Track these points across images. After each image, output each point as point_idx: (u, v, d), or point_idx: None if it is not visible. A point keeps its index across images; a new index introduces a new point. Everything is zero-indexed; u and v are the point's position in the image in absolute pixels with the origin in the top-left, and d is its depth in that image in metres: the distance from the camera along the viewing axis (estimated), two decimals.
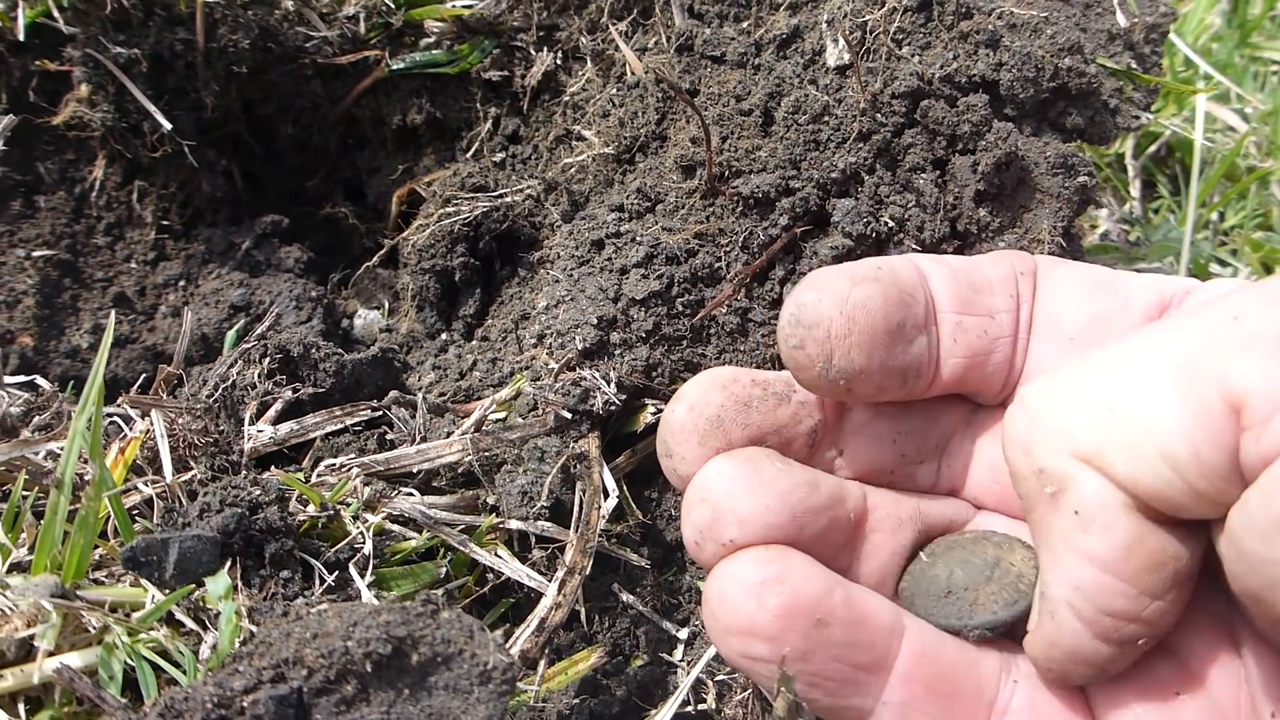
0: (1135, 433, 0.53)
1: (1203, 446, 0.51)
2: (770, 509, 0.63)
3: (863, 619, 0.62)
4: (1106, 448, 0.55)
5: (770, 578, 0.61)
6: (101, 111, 1.15)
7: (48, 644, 0.68)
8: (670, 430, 0.69)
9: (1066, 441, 0.57)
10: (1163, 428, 0.52)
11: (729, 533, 0.63)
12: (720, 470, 0.65)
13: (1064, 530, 0.57)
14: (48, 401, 0.91)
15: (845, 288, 0.66)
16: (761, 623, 0.61)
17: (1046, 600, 0.60)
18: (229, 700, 0.61)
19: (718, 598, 0.62)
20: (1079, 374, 0.58)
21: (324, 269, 1.28)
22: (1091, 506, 0.56)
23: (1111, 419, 0.54)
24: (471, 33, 1.23)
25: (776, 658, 0.60)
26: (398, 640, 0.62)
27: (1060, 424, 0.57)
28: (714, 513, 0.64)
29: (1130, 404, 0.54)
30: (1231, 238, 1.51)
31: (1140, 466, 0.53)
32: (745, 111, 1.00)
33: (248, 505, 0.78)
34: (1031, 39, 0.96)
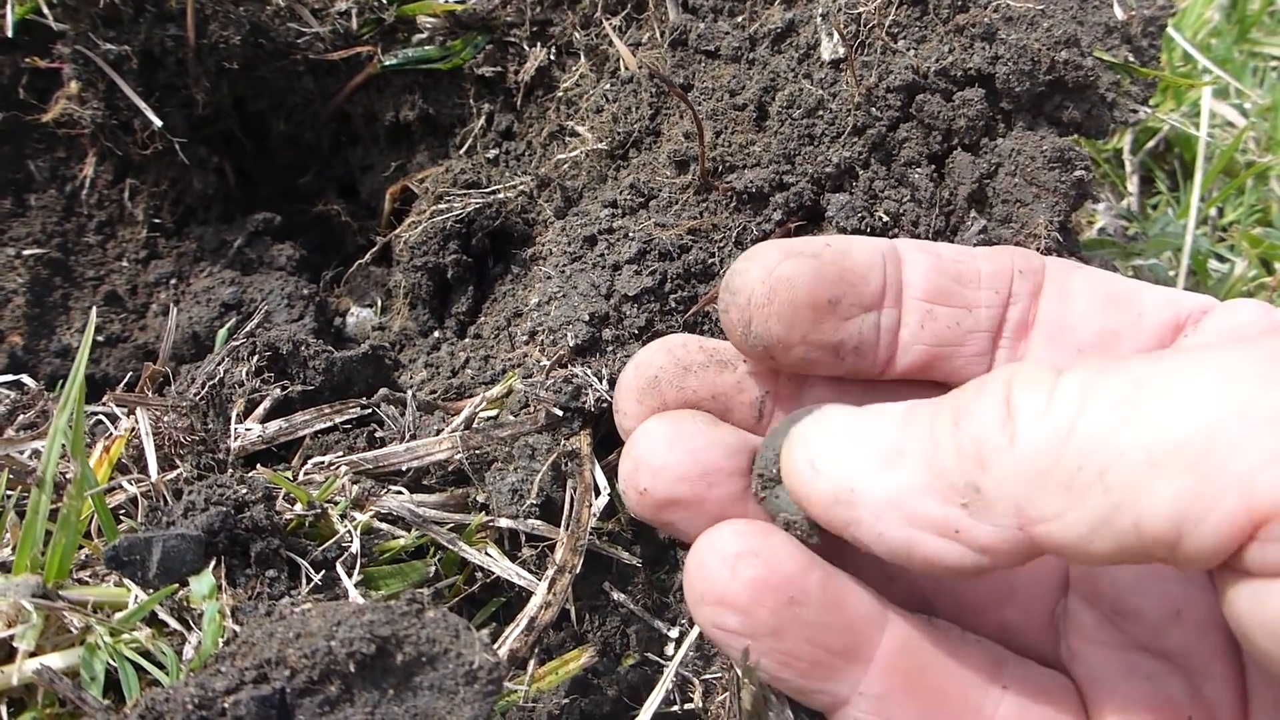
0: (1112, 494, 0.49)
1: (1194, 538, 0.47)
2: (680, 463, 0.66)
3: (839, 603, 0.62)
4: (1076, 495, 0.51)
5: (746, 550, 0.62)
6: (92, 109, 1.14)
7: (28, 645, 0.67)
8: (619, 388, 0.75)
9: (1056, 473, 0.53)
10: (1152, 506, 0.48)
11: (644, 481, 0.67)
12: (649, 428, 0.69)
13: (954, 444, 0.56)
14: (33, 400, 0.90)
15: (774, 260, 0.68)
16: (733, 593, 0.61)
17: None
18: (210, 701, 0.60)
19: (695, 565, 0.64)
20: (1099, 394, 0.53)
21: (316, 266, 1.28)
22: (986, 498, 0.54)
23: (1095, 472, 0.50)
24: (464, 28, 1.22)
25: (746, 630, 0.61)
26: (382, 640, 0.62)
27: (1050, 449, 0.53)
28: (634, 464, 0.68)
29: (1124, 461, 0.49)
30: (1230, 233, 1.50)
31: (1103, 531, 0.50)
32: (739, 106, 0.99)
33: (233, 504, 0.77)
34: (1028, 32, 0.95)
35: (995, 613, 0.69)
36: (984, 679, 0.63)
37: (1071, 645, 0.67)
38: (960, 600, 0.69)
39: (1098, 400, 0.50)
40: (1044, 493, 0.51)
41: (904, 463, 0.57)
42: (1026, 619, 0.69)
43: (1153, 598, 0.64)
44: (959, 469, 0.54)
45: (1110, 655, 0.65)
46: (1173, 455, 0.47)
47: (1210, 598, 0.62)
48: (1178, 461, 0.47)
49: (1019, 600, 0.69)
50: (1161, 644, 0.64)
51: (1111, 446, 0.48)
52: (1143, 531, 0.48)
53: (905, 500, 0.56)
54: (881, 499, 0.57)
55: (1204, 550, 0.47)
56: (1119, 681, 0.64)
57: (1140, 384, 0.49)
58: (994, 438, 0.53)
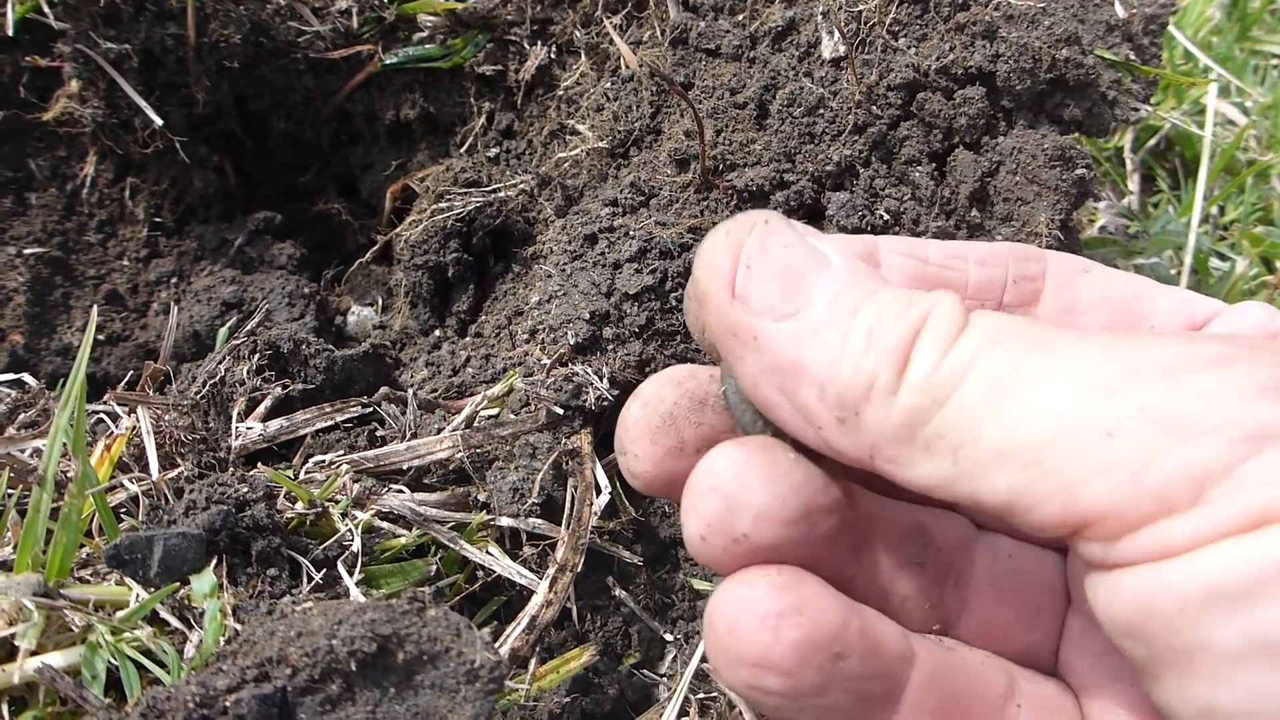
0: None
1: (1023, 521, 0.51)
2: (786, 503, 0.59)
3: (877, 649, 0.59)
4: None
5: (788, 608, 0.57)
6: (92, 107, 1.14)
7: (29, 643, 0.67)
8: (624, 427, 0.67)
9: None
10: (990, 488, 0.51)
11: (741, 526, 0.58)
12: (735, 457, 0.60)
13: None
14: (34, 399, 0.90)
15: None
16: (776, 656, 0.56)
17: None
18: (212, 700, 0.60)
19: (727, 626, 0.58)
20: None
21: (317, 265, 1.28)
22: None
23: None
24: (465, 27, 1.22)
25: (790, 692, 0.57)
26: (383, 638, 0.62)
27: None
28: (726, 505, 0.59)
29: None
30: (1231, 231, 1.50)
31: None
32: (740, 104, 0.99)
33: (234, 502, 0.77)
34: (1029, 30, 0.95)
35: (1022, 635, 0.68)
36: (1001, 699, 0.63)
37: (1064, 654, 0.67)
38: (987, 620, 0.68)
39: (977, 377, 0.52)
40: (905, 446, 0.54)
41: (815, 342, 0.57)
42: (1047, 638, 0.68)
43: None
44: (850, 389, 0.55)
45: (1096, 661, 0.65)
46: (1017, 451, 0.50)
47: None
48: (1020, 459, 0.50)
49: (1043, 621, 0.68)
50: None
51: (970, 431, 0.51)
52: (979, 502, 0.52)
53: (794, 378, 0.56)
54: (775, 357, 0.57)
55: (1033, 533, 0.53)
56: (1104, 686, 0.64)
57: (1015, 373, 0.51)
58: (886, 380, 0.54)
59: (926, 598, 0.67)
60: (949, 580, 0.68)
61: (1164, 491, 0.48)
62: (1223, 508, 0.47)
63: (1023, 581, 0.68)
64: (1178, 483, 0.48)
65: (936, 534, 0.68)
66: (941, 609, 0.68)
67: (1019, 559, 0.69)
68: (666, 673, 0.90)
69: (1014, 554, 0.69)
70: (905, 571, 0.67)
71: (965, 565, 0.69)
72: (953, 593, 0.68)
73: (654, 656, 0.91)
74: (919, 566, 0.67)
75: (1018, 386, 0.51)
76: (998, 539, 0.70)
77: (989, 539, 0.70)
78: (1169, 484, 0.48)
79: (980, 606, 0.68)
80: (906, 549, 0.67)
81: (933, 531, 0.68)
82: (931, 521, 0.69)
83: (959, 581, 0.68)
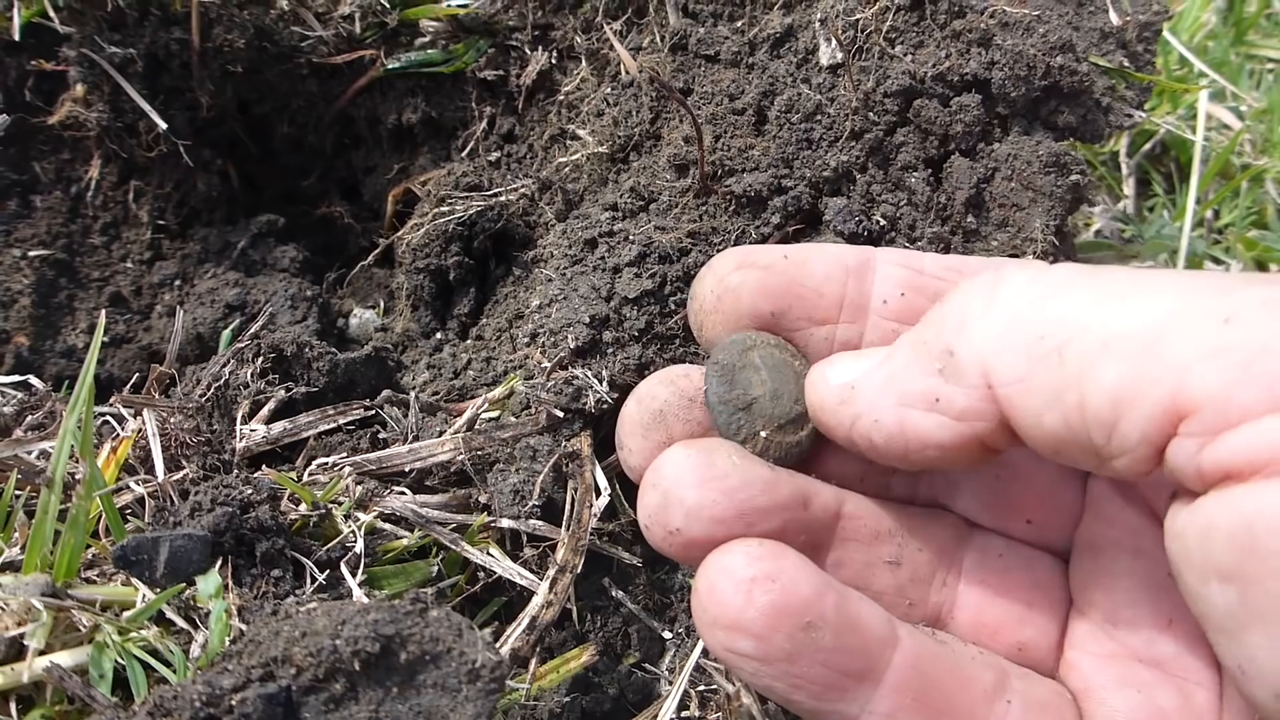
0: (1067, 377, 0.53)
1: (1126, 423, 0.50)
2: (715, 504, 0.63)
3: (854, 625, 0.61)
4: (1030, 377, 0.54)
5: (761, 574, 0.60)
6: (97, 111, 1.15)
7: (38, 643, 0.68)
8: (621, 423, 0.72)
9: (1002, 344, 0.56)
10: (1096, 384, 0.51)
11: (675, 521, 0.64)
12: (675, 458, 0.65)
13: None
14: (41, 401, 0.91)
15: (727, 269, 0.70)
16: (748, 619, 0.60)
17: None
18: (218, 699, 0.61)
19: (707, 588, 0.62)
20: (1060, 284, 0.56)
21: (319, 268, 1.29)
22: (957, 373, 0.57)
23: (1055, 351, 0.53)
24: (467, 32, 1.23)
25: (761, 656, 0.60)
26: (386, 639, 0.63)
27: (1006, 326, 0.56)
28: (663, 499, 0.64)
29: (1081, 344, 0.53)
30: (1226, 235, 1.51)
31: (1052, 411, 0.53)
32: (738, 110, 1.00)
33: (239, 504, 0.78)
34: (1024, 38, 0.96)
35: (1013, 632, 0.69)
36: (989, 694, 0.63)
37: (1067, 656, 0.68)
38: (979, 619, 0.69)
39: (1077, 286, 0.53)
40: (1009, 353, 0.54)
41: (896, 353, 0.61)
42: (1042, 637, 0.69)
43: (1146, 607, 0.65)
44: (938, 337, 0.57)
45: (1103, 666, 0.66)
46: (1123, 340, 0.50)
47: None
48: (1126, 346, 0.49)
49: (1037, 618, 0.69)
50: (1153, 653, 0.64)
51: (1074, 324, 0.52)
52: (1085, 410, 0.51)
53: (894, 380, 0.60)
54: (875, 386, 0.61)
55: (1134, 439, 0.50)
56: (1111, 692, 0.65)
57: (1118, 283, 0.52)
58: (974, 305, 0.56)
59: (904, 595, 0.69)
60: (934, 579, 0.69)
61: (1277, 381, 0.45)
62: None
63: (1013, 580, 0.70)
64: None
65: (917, 535, 0.70)
66: (926, 606, 0.69)
67: (1010, 559, 0.70)
68: (666, 667, 0.91)
69: (1005, 554, 0.70)
70: (879, 569, 0.69)
71: (954, 565, 0.70)
72: (940, 591, 0.69)
73: (653, 656, 0.92)
74: (894, 565, 0.69)
75: (1122, 288, 0.51)
76: (990, 540, 0.71)
77: (981, 539, 0.71)
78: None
79: (970, 603, 0.69)
80: (881, 548, 0.69)
81: (913, 533, 0.70)
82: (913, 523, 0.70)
83: (948, 580, 0.69)
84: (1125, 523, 0.67)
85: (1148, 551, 0.65)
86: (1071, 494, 0.70)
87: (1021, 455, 0.69)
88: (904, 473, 0.72)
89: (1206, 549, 0.48)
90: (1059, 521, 0.70)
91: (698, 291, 0.72)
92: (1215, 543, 0.48)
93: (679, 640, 0.92)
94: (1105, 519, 0.68)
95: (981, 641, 0.69)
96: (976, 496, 0.71)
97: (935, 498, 0.72)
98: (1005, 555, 0.70)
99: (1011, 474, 0.71)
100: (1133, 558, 0.66)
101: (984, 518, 0.72)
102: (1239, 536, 0.46)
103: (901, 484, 0.72)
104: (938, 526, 0.71)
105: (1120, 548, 0.67)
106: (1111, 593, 0.66)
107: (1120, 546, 0.67)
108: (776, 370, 0.69)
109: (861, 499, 0.70)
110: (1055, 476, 0.70)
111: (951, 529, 0.71)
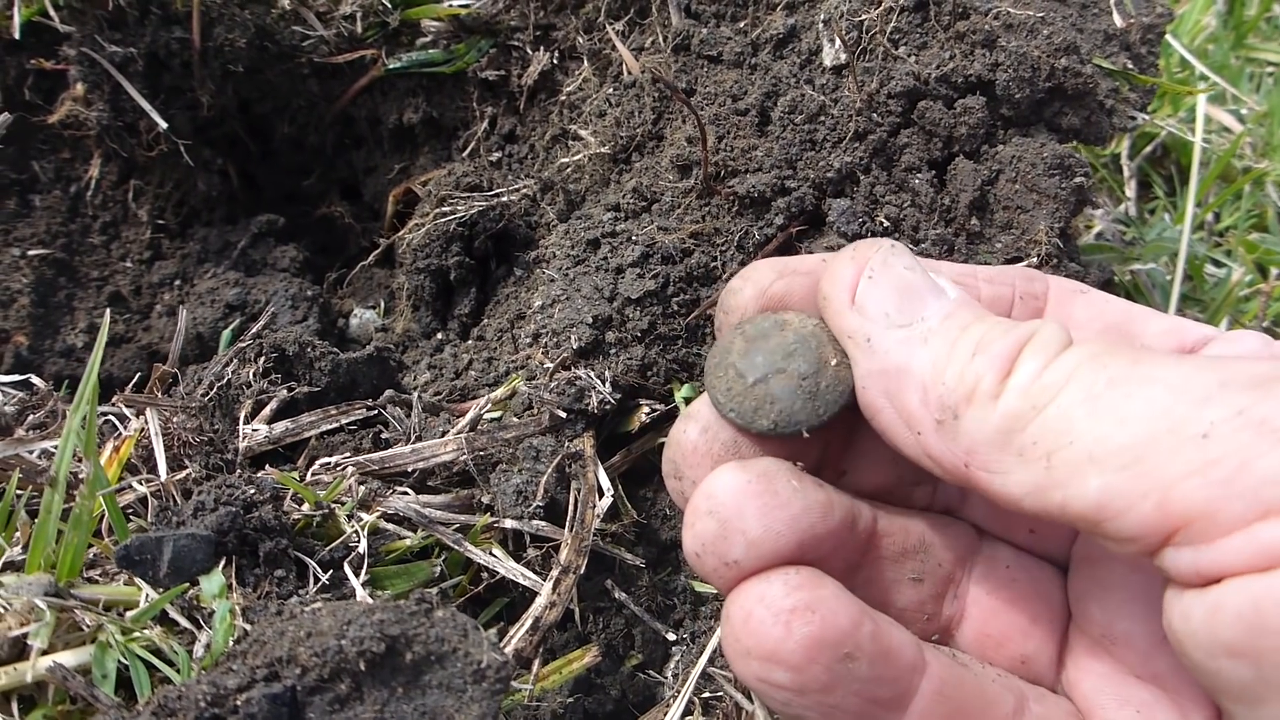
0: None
1: (1112, 527, 0.52)
2: (780, 535, 0.60)
3: (888, 654, 0.60)
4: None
5: (800, 605, 0.58)
6: (97, 110, 1.15)
7: (41, 642, 0.68)
8: (681, 451, 0.67)
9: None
10: (1080, 492, 0.52)
11: (734, 553, 0.60)
12: (733, 483, 0.61)
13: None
14: (42, 400, 0.90)
15: (768, 279, 0.67)
16: (786, 651, 0.58)
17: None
18: (222, 699, 0.60)
19: (742, 618, 0.59)
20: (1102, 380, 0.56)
21: (320, 268, 1.28)
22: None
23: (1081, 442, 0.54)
24: (468, 32, 1.23)
25: (797, 687, 0.58)
26: (391, 639, 0.62)
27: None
28: (721, 528, 0.60)
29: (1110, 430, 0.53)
30: (1226, 238, 1.51)
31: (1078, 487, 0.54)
32: (741, 111, 1.00)
33: (242, 504, 0.78)
34: (1028, 39, 0.96)
35: (1018, 645, 0.69)
36: (1010, 717, 0.63)
37: (1069, 674, 0.68)
38: (984, 631, 0.69)
39: (1075, 387, 0.54)
40: (1000, 451, 0.55)
41: (924, 349, 0.60)
42: (1043, 650, 0.69)
43: (1141, 622, 0.64)
44: (953, 392, 0.57)
45: (1102, 684, 0.65)
46: (1111, 455, 0.51)
47: None
48: (1113, 461, 0.51)
49: (1039, 632, 0.69)
50: (1151, 669, 0.64)
51: (1065, 434, 0.53)
52: (1067, 510, 0.53)
53: (899, 380, 0.59)
54: (884, 358, 0.60)
55: (1122, 542, 0.52)
56: (1112, 713, 0.64)
57: (1113, 384, 0.53)
58: (990, 385, 0.56)
59: (923, 610, 0.68)
60: (948, 592, 0.69)
61: (1261, 492, 0.47)
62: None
63: (1019, 592, 0.69)
64: (1276, 483, 0.47)
65: (938, 548, 0.69)
66: (939, 619, 0.69)
67: (1016, 570, 0.70)
68: (671, 673, 0.91)
69: (1012, 565, 0.70)
70: (904, 586, 0.68)
71: (965, 576, 0.70)
72: (951, 603, 0.69)
73: (656, 658, 0.92)
74: (917, 582, 0.68)
75: (1114, 395, 0.53)
76: (997, 549, 0.71)
77: (989, 549, 0.71)
78: (1266, 484, 0.47)
79: (978, 615, 0.69)
80: (906, 565, 0.68)
81: (934, 546, 0.69)
82: (934, 534, 0.70)
83: (958, 591, 0.69)
84: None
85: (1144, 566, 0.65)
86: None
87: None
88: (927, 483, 0.72)
89: (1213, 626, 0.50)
90: (1060, 532, 0.70)
91: (735, 305, 0.68)
92: (1222, 621, 0.49)
93: (684, 645, 0.92)
94: None
95: (986, 654, 0.68)
96: (985, 503, 0.71)
97: (950, 504, 0.72)
98: (1012, 567, 0.70)
99: None
100: (1129, 572, 0.65)
101: (992, 525, 0.72)
102: (1247, 615, 0.48)
103: (924, 493, 0.72)
104: (954, 535, 0.70)
105: (1116, 562, 0.66)
106: (1107, 607, 0.66)
107: (1117, 561, 0.66)
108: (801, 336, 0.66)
109: (891, 514, 0.69)
110: None
111: (965, 538, 0.71)
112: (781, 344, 0.65)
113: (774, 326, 0.65)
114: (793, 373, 0.64)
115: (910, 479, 0.71)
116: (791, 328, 0.65)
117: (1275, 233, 1.50)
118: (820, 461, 0.70)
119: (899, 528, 0.68)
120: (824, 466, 0.70)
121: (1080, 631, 0.68)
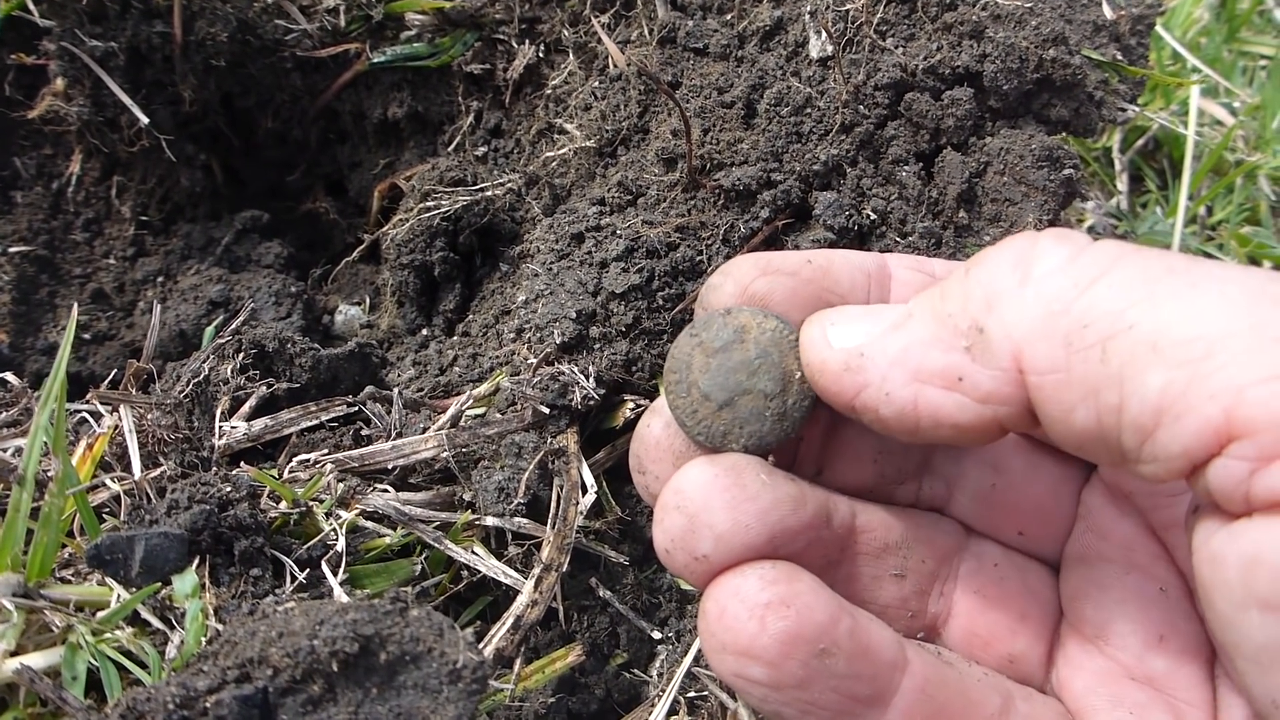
0: (1110, 376, 0.49)
1: (1168, 432, 0.47)
2: (749, 529, 0.59)
3: (866, 651, 0.59)
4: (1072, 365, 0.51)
5: (776, 600, 0.57)
6: (78, 105, 1.14)
7: (9, 644, 0.67)
8: (645, 445, 0.66)
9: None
10: (1141, 389, 0.47)
11: (703, 547, 0.59)
12: (701, 479, 0.60)
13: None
14: (16, 398, 0.89)
15: (749, 276, 0.65)
16: (761, 646, 0.57)
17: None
18: (192, 700, 0.59)
19: (717, 613, 0.58)
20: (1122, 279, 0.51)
21: (304, 264, 1.27)
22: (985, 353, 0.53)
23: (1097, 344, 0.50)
24: (453, 25, 1.21)
25: (772, 682, 0.57)
26: (365, 639, 0.61)
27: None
28: (689, 523, 0.59)
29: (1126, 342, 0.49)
30: (1219, 231, 1.50)
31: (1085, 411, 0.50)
32: (727, 104, 0.99)
33: (217, 502, 0.77)
34: (1016, 30, 0.95)
35: (1006, 644, 0.68)
36: (995, 717, 0.62)
37: (1061, 674, 0.67)
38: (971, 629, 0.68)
39: (1124, 271, 0.50)
40: (1046, 341, 0.50)
41: (912, 322, 0.57)
42: (1032, 649, 0.68)
43: (1136, 622, 0.63)
44: (964, 312, 0.54)
45: (1094, 684, 0.64)
46: (1176, 346, 0.46)
47: (1193, 624, 0.62)
48: (1179, 354, 0.46)
49: (1028, 631, 0.68)
50: (1145, 670, 0.63)
51: (1122, 318, 0.48)
52: (1123, 413, 0.48)
53: (911, 354, 0.56)
54: (888, 357, 0.56)
55: (1172, 451, 0.47)
56: (1105, 714, 0.63)
57: (1171, 272, 0.49)
58: (1005, 280, 0.53)
59: (906, 607, 0.67)
60: (933, 589, 0.68)
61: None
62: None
63: (1007, 591, 0.68)
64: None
65: (922, 544, 0.68)
66: (924, 616, 0.68)
67: (1005, 568, 0.69)
68: (656, 672, 0.90)
69: (1000, 563, 0.69)
70: (885, 582, 0.67)
71: (951, 573, 0.69)
72: (936, 600, 0.68)
73: (641, 657, 0.91)
74: (900, 578, 0.67)
75: (1176, 282, 0.48)
76: (985, 547, 0.70)
77: (976, 547, 0.70)
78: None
79: (964, 613, 0.68)
80: (888, 561, 0.67)
81: (918, 542, 0.68)
82: (918, 531, 0.68)
83: (944, 589, 0.68)
84: (1119, 536, 0.66)
85: (1140, 565, 0.64)
86: (1065, 506, 0.69)
87: (1020, 466, 0.68)
88: (911, 480, 0.70)
89: (1250, 578, 0.46)
90: (1051, 533, 0.69)
91: (713, 299, 0.66)
92: (1261, 572, 0.45)
93: (669, 643, 0.91)
94: (1098, 531, 0.66)
95: (973, 652, 0.67)
96: (974, 501, 0.70)
97: (935, 502, 0.71)
98: (1000, 564, 0.69)
99: (1008, 483, 0.69)
100: (1124, 571, 0.65)
101: (980, 523, 0.71)
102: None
103: (907, 491, 0.71)
104: (939, 532, 0.69)
105: (1111, 561, 0.65)
106: (1101, 607, 0.65)
107: (1111, 560, 0.65)
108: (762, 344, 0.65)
109: (871, 509, 0.68)
110: (1051, 488, 0.68)
111: (951, 535, 0.70)
112: (744, 360, 0.63)
113: (734, 337, 0.63)
114: (759, 393, 0.63)
115: (893, 476, 0.69)
116: (751, 337, 0.63)
117: (1268, 226, 1.49)
118: (794, 459, 0.68)
119: (879, 523, 0.67)
120: (800, 464, 0.69)
121: (1073, 631, 0.67)
